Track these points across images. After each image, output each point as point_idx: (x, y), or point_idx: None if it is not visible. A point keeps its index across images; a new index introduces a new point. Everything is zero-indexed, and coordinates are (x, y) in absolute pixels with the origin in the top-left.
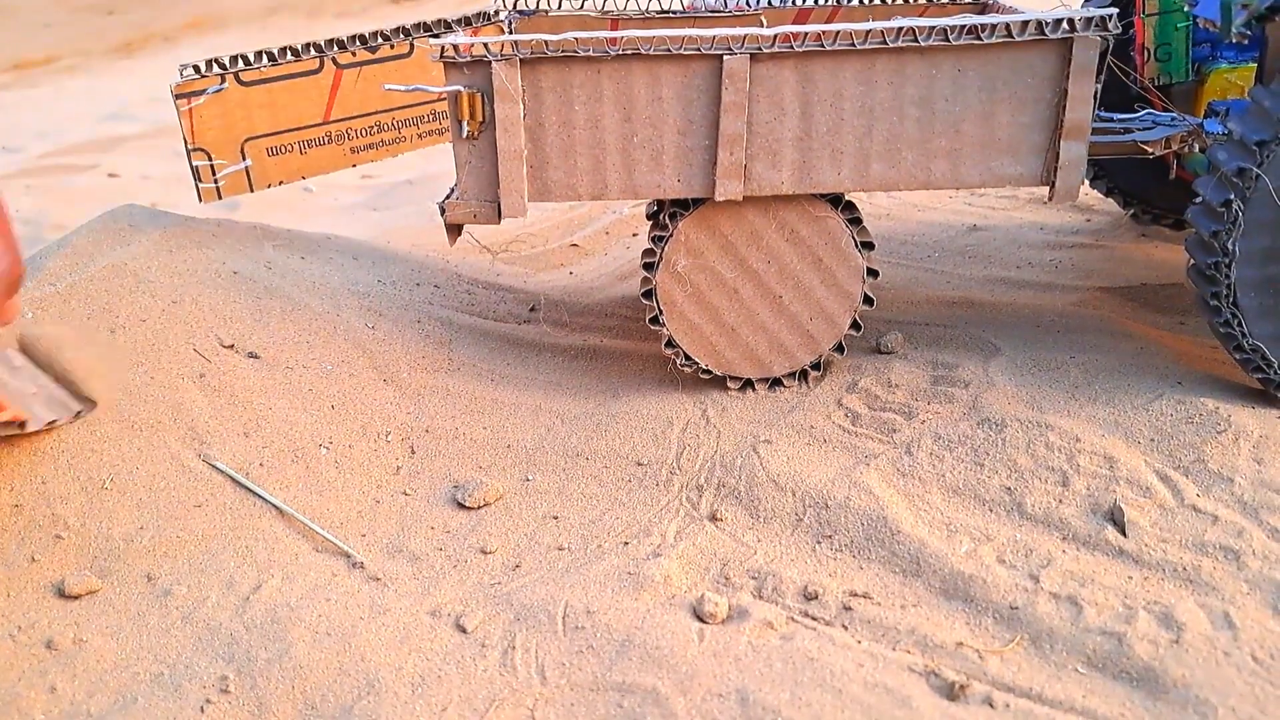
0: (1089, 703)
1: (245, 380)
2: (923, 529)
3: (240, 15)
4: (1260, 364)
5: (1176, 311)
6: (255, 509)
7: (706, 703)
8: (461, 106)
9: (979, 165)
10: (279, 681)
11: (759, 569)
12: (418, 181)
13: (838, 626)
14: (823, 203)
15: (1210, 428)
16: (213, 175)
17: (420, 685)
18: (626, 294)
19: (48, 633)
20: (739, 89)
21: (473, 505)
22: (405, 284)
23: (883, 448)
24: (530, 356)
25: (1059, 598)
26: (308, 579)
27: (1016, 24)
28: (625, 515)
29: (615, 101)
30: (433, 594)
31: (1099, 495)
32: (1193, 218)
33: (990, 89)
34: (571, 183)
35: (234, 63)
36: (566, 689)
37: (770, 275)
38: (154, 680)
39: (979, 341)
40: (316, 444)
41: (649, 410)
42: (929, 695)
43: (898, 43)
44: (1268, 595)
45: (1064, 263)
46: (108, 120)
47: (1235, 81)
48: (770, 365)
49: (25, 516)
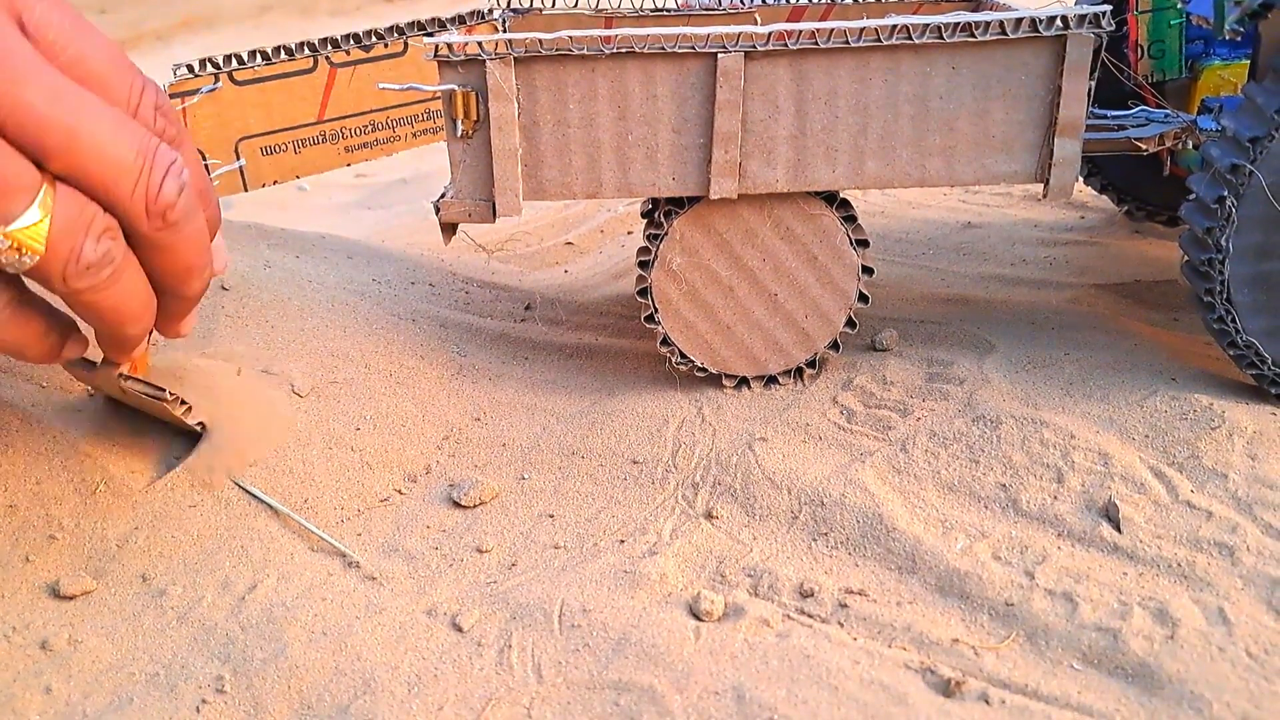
0: (1084, 699)
1: (236, 378)
2: (918, 526)
3: (233, 14)
4: (1254, 360)
5: (1170, 308)
6: (250, 509)
7: (703, 700)
8: (456, 105)
9: (973, 162)
10: (275, 681)
11: (755, 567)
12: (412, 180)
13: (833, 624)
14: (818, 200)
15: (1204, 424)
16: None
17: (416, 684)
18: (622, 292)
19: (43, 633)
20: (733, 87)
21: (468, 504)
22: (400, 283)
23: (878, 445)
24: (526, 355)
25: (1054, 594)
26: (303, 578)
27: (1010, 21)
28: (621, 513)
29: (610, 100)
30: (429, 593)
31: (1094, 491)
32: (1186, 214)
33: (984, 86)
34: (566, 181)
35: (227, 62)
36: (563, 687)
37: (765, 273)
38: (149, 680)
39: (974, 338)
40: (310, 443)
41: (644, 408)
42: (925, 692)
43: (892, 40)
44: (1262, 591)
45: (1058, 260)
46: None
47: (1229, 78)
48: (765, 363)
49: (19, 517)
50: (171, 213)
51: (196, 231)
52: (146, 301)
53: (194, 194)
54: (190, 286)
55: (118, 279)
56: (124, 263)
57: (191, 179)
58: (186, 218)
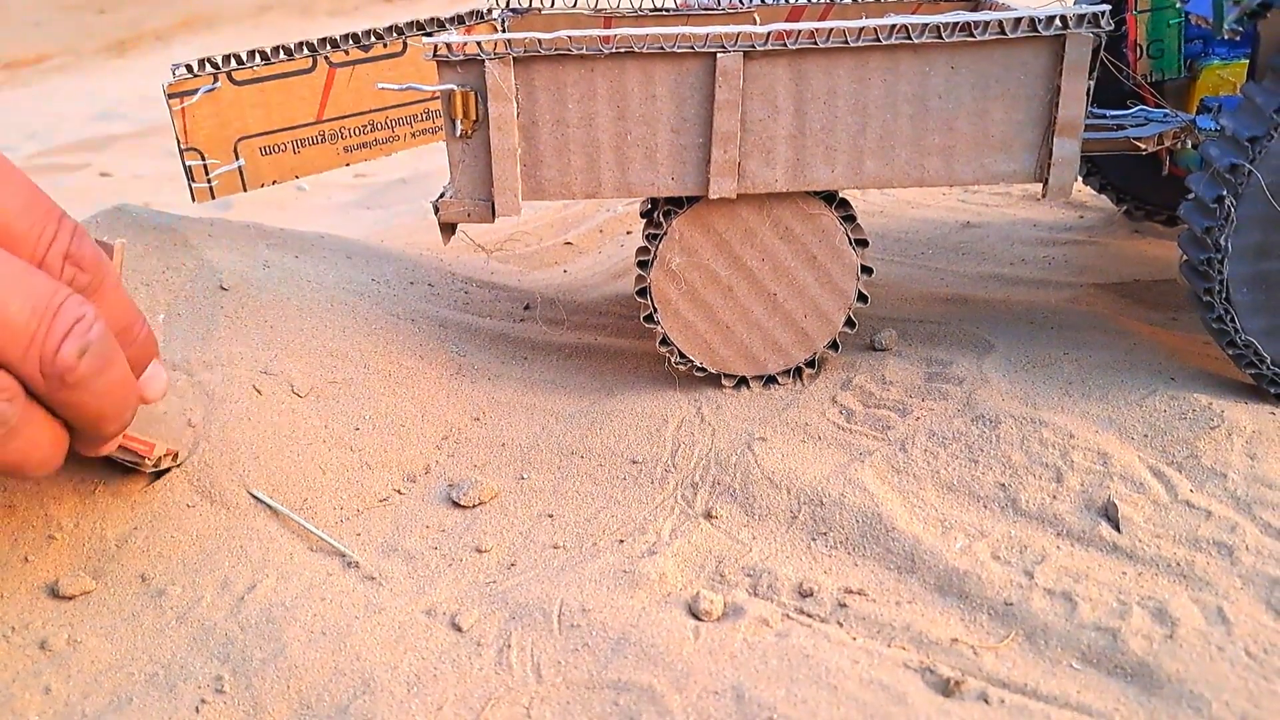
0: (1084, 698)
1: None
2: (917, 525)
3: (232, 14)
4: (1253, 359)
5: (1169, 307)
6: (249, 509)
7: (702, 700)
8: (455, 105)
9: (972, 162)
10: (274, 681)
11: (754, 566)
12: (411, 180)
13: (833, 623)
14: (817, 200)
15: (1203, 423)
16: (206, 175)
17: (416, 684)
18: (621, 292)
19: (42, 633)
20: (733, 87)
21: (468, 504)
22: (399, 283)
23: (877, 445)
24: (525, 355)
25: (1053, 594)
26: (303, 578)
27: (1009, 21)
28: (620, 513)
29: (609, 100)
30: (428, 593)
31: (1093, 491)
32: (1185, 214)
33: (983, 86)
34: (565, 181)
35: (227, 62)
36: (562, 687)
37: (764, 273)
38: (149, 680)
39: (973, 338)
40: (310, 443)
41: (644, 408)
42: (924, 691)
43: (891, 40)
44: (1261, 590)
45: (1057, 259)
46: (99, 119)
47: (1227, 78)
48: (765, 363)
49: (18, 517)
50: (71, 375)
51: (108, 384)
52: (52, 449)
53: (104, 349)
54: (106, 429)
55: (15, 437)
56: (20, 423)
57: (103, 331)
58: (92, 375)
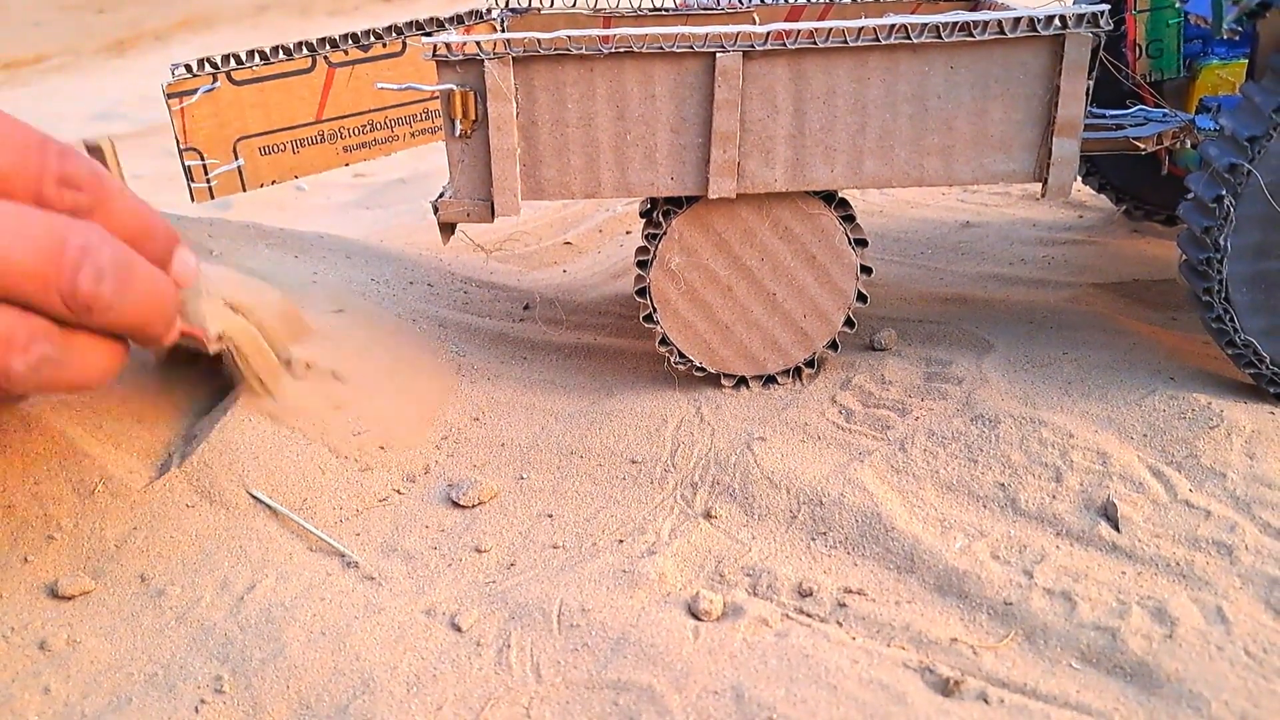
0: (1083, 698)
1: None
2: (917, 525)
3: (231, 14)
4: (1252, 359)
5: (1168, 307)
6: (248, 509)
7: (702, 700)
8: (454, 105)
9: (972, 162)
10: (274, 681)
11: (753, 566)
12: (410, 180)
13: (832, 623)
14: (816, 200)
15: (1203, 423)
16: (205, 175)
17: (415, 684)
18: (620, 292)
19: (41, 634)
20: (732, 86)
21: (467, 504)
22: (399, 282)
23: (877, 444)
24: (524, 355)
25: (1053, 593)
26: (302, 579)
27: (1009, 21)
28: (620, 513)
29: (608, 99)
30: (427, 593)
31: (1092, 491)
32: (1184, 213)
33: (983, 86)
34: (565, 181)
35: (226, 62)
36: (562, 687)
37: (764, 273)
38: (148, 680)
39: (972, 338)
40: (309, 442)
41: (643, 408)
42: (924, 691)
43: (890, 40)
44: (1260, 590)
45: (1056, 259)
46: (98, 119)
47: (1227, 77)
48: (764, 362)
49: (18, 517)
50: (97, 302)
51: (137, 296)
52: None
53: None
54: (153, 332)
55: (64, 368)
56: (64, 355)
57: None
58: (117, 295)
